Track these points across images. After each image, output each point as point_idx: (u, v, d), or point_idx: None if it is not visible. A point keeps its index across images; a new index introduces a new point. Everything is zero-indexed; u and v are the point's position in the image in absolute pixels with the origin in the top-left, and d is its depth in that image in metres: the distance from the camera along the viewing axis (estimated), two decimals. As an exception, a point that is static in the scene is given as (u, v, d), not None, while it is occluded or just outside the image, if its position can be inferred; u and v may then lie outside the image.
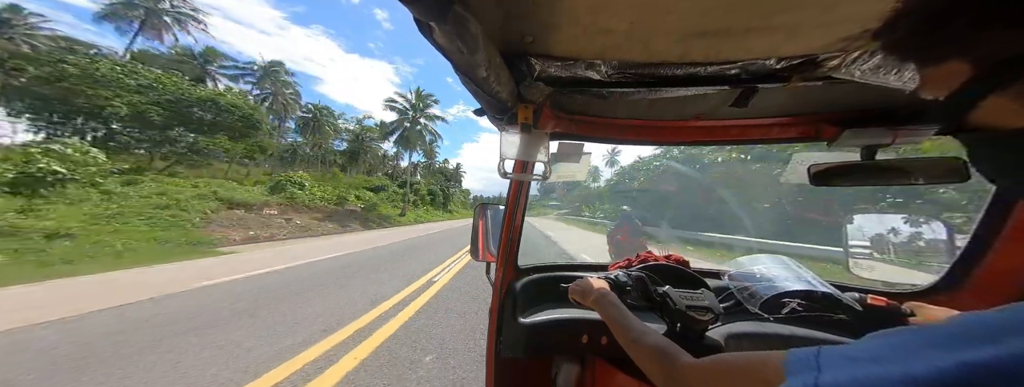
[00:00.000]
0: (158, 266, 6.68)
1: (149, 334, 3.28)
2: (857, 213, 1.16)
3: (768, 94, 0.71)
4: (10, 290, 4.62)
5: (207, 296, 4.63)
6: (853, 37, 0.51)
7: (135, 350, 2.93)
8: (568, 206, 57.77)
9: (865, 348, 0.28)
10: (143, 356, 2.82)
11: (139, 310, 3.97)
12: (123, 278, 5.61)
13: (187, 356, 2.82)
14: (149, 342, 3.09)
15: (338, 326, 3.61)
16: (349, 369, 2.68)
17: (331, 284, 5.56)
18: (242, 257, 8.33)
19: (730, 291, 1.02)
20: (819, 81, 0.63)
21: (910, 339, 0.26)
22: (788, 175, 1.01)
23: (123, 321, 3.61)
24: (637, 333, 0.56)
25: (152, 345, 3.03)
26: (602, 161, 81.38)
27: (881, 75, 0.56)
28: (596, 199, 42.65)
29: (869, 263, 1.13)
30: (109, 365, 2.65)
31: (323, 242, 12.64)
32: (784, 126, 0.96)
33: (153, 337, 3.21)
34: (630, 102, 0.85)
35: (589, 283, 0.79)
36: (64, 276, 5.49)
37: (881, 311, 0.86)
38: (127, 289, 4.85)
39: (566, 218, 40.38)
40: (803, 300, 0.92)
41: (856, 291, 0.98)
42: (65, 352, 2.84)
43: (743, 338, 0.85)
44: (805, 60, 0.58)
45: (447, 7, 0.37)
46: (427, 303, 4.62)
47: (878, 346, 0.27)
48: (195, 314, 3.87)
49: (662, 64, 0.62)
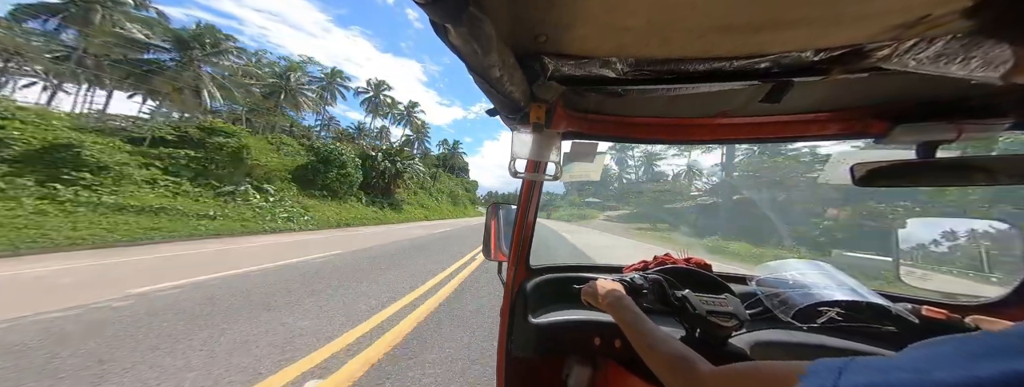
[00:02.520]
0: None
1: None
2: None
3: (804, 88, 0.64)
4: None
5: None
6: (907, 24, 0.45)
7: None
8: (631, 203, 43.70)
9: (902, 357, 0.25)
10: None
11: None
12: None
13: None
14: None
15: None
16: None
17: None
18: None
19: (758, 297, 0.95)
20: (864, 73, 0.57)
21: (957, 348, 0.23)
22: (827, 175, 0.92)
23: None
24: (653, 339, 0.55)
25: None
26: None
27: (942, 65, 0.49)
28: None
29: (924, 272, 1.02)
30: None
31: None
32: (823, 122, 0.87)
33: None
34: (648, 99, 0.81)
35: (603, 285, 0.78)
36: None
37: (939, 324, 0.79)
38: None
39: (636, 226, 22.83)
40: (843, 309, 0.84)
41: (910, 302, 0.89)
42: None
43: (771, 347, 0.79)
44: (849, 51, 0.52)
45: (462, 8, 0.37)
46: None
47: (916, 355, 0.25)
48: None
49: (682, 60, 0.58)
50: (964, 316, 0.76)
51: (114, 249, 7.05)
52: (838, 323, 0.83)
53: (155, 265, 5.60)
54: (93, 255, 6.17)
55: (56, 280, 4.39)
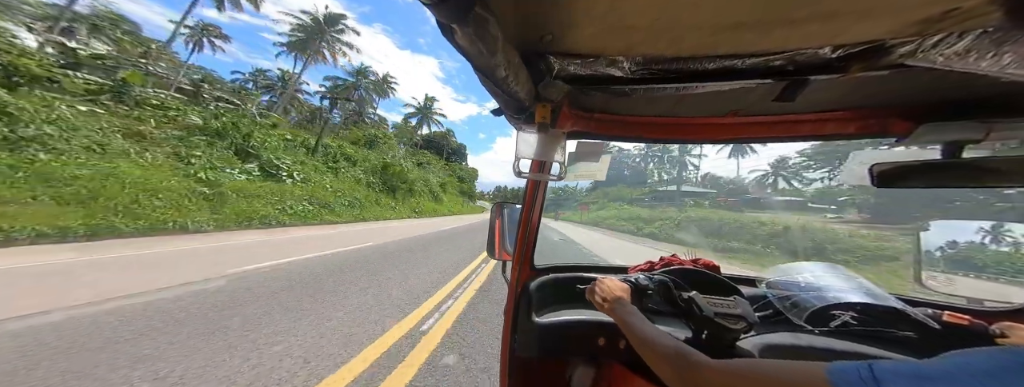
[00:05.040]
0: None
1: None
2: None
3: (820, 85, 0.62)
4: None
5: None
6: (933, 18, 0.42)
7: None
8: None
9: (940, 366, 0.24)
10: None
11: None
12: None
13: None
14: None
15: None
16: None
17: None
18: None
19: (768, 300, 0.93)
20: (885, 70, 0.54)
21: (1002, 361, 0.22)
22: (845, 175, 0.89)
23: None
24: (653, 338, 0.55)
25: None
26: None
27: (971, 61, 0.46)
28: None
29: (947, 276, 0.98)
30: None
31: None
32: (840, 121, 0.84)
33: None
34: (655, 99, 0.79)
35: (607, 286, 0.77)
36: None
37: (961, 330, 0.76)
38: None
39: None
40: (859, 313, 0.82)
41: (929, 307, 0.86)
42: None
43: (780, 350, 0.77)
44: (869, 47, 0.50)
45: (468, 8, 0.37)
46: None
47: (956, 366, 0.23)
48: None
49: (692, 58, 0.57)
50: (990, 323, 0.73)
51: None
52: (853, 327, 0.81)
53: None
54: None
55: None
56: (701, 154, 56.43)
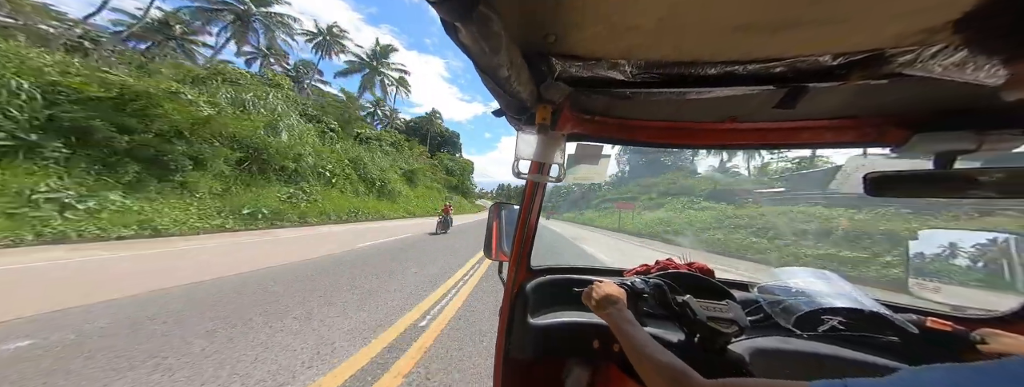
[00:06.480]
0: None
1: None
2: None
3: (818, 93, 0.62)
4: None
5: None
6: (934, 29, 0.43)
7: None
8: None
9: (891, 382, 0.25)
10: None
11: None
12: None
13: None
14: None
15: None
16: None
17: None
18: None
19: (759, 304, 0.94)
20: (884, 79, 0.55)
21: (946, 376, 0.23)
22: (838, 183, 0.90)
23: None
24: (649, 349, 0.55)
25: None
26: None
27: (968, 71, 0.47)
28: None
29: (936, 284, 1.00)
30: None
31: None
32: (838, 129, 0.85)
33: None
34: (656, 103, 0.79)
35: (603, 289, 0.77)
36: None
37: (942, 336, 0.78)
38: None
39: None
40: (846, 318, 0.83)
41: (915, 313, 0.87)
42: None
43: (770, 354, 0.78)
44: (870, 56, 0.50)
45: (472, 6, 0.37)
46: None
47: (911, 382, 0.25)
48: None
49: (694, 63, 0.57)
50: (972, 329, 0.75)
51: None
52: (840, 332, 0.83)
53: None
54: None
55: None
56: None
